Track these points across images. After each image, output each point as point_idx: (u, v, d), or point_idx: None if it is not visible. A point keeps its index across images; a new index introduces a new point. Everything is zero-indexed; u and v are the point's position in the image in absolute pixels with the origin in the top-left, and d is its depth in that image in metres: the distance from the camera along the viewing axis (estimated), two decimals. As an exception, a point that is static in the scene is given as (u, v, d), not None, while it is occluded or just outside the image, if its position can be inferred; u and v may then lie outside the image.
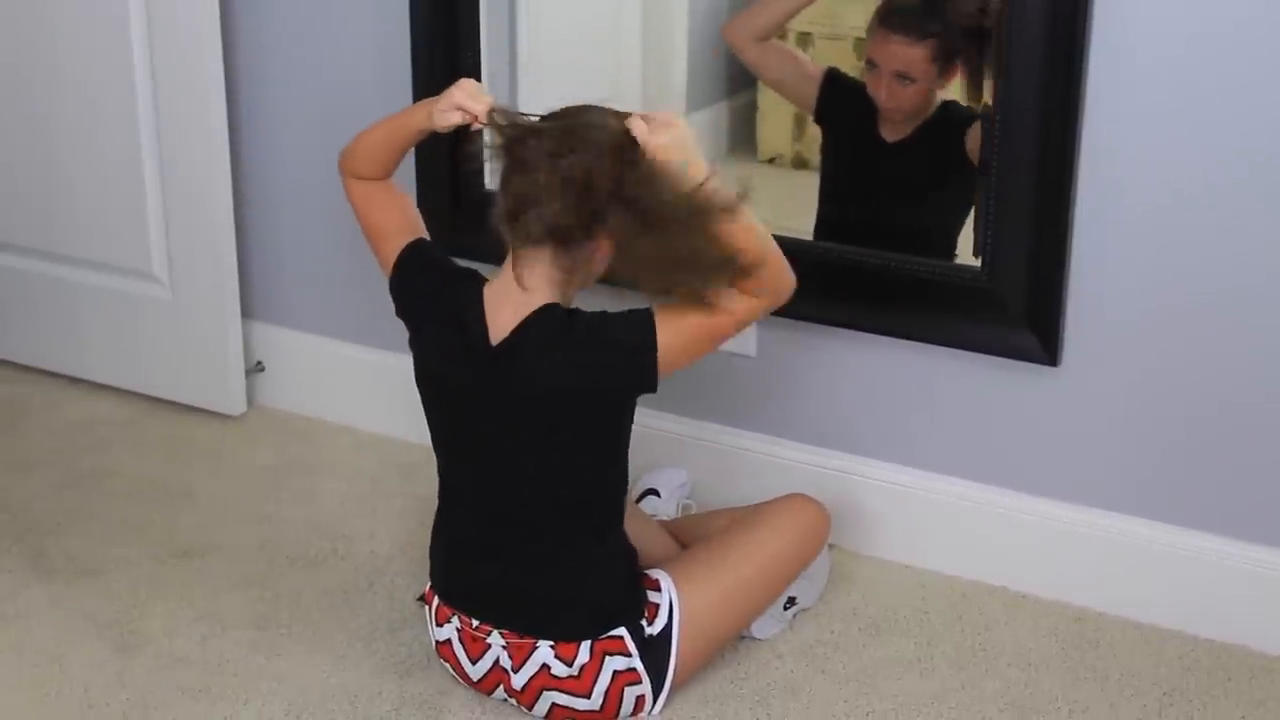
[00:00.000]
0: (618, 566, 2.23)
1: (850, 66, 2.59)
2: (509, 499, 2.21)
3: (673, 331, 2.12)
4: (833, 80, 2.61)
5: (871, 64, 2.53)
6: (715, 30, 2.75)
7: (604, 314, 2.14)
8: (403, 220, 2.34)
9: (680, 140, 2.09)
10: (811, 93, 2.63)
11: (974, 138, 2.44)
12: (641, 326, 2.12)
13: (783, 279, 2.18)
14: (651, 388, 2.15)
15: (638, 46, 2.84)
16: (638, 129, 2.08)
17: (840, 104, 2.61)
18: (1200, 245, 2.31)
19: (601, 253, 2.14)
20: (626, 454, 2.25)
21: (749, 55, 2.66)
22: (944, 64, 2.48)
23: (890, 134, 2.57)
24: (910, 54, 2.49)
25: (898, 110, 2.54)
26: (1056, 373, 2.45)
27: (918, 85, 2.50)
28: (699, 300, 2.11)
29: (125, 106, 3.01)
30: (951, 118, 2.51)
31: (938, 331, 2.50)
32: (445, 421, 2.25)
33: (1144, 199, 2.33)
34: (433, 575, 2.31)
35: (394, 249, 2.29)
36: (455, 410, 2.23)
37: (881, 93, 2.53)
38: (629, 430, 2.23)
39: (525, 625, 2.20)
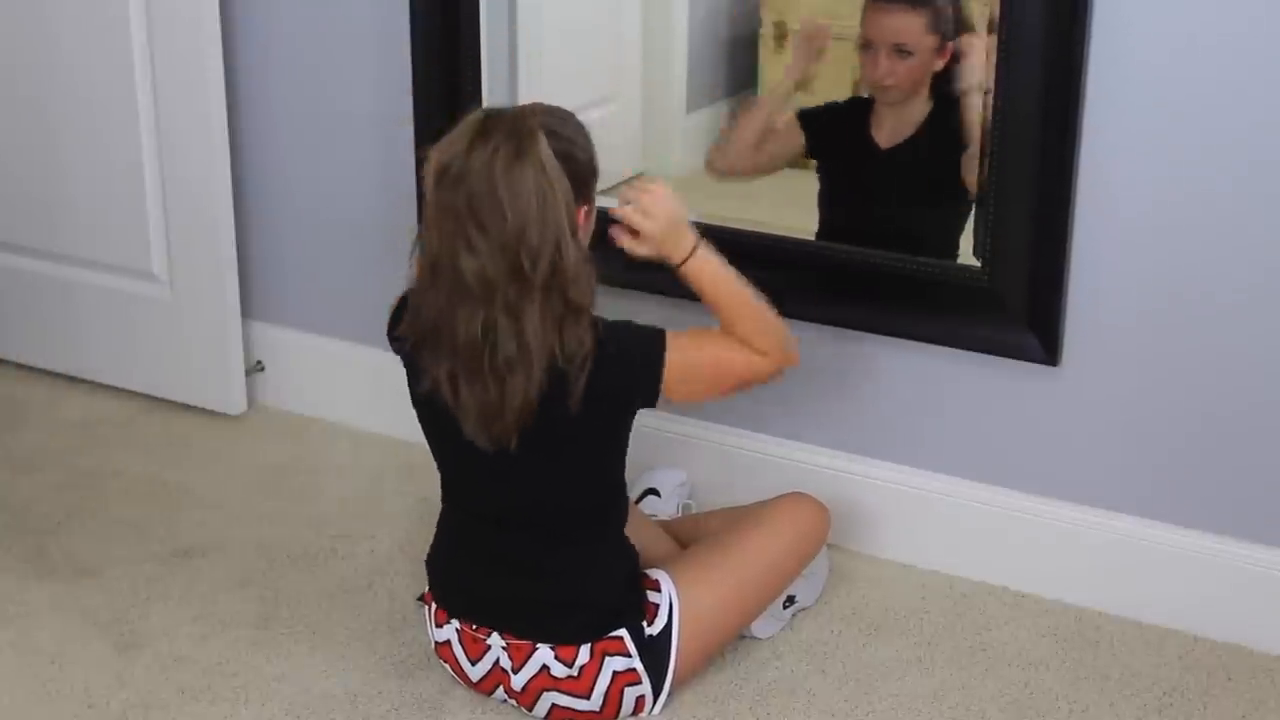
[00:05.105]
0: (618, 570, 2.23)
1: (850, 66, 2.58)
2: (510, 507, 2.21)
3: (681, 355, 2.15)
4: (808, 118, 2.62)
5: (867, 44, 2.52)
6: (715, 30, 2.76)
7: (614, 324, 2.13)
8: None
9: (669, 219, 2.17)
10: (798, 143, 2.64)
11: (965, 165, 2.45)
12: (652, 341, 2.14)
13: (772, 334, 2.23)
14: (651, 402, 2.16)
15: (638, 46, 2.84)
16: (631, 218, 2.15)
17: (827, 131, 2.62)
18: (1200, 245, 2.31)
19: (583, 225, 2.14)
20: (624, 460, 2.25)
21: (747, 172, 2.70)
22: (939, 38, 2.48)
23: (885, 140, 2.57)
24: (907, 22, 2.48)
25: (895, 89, 2.52)
26: (1056, 373, 2.45)
27: (914, 60, 2.49)
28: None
29: (125, 106, 3.01)
30: (942, 118, 2.50)
31: (938, 331, 2.50)
32: (445, 436, 2.22)
33: (1144, 199, 2.33)
34: (431, 583, 2.31)
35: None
36: (454, 427, 2.21)
37: (880, 69, 2.51)
38: (627, 436, 2.23)
39: (526, 630, 2.20)
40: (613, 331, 2.12)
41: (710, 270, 2.20)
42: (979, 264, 2.44)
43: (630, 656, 2.19)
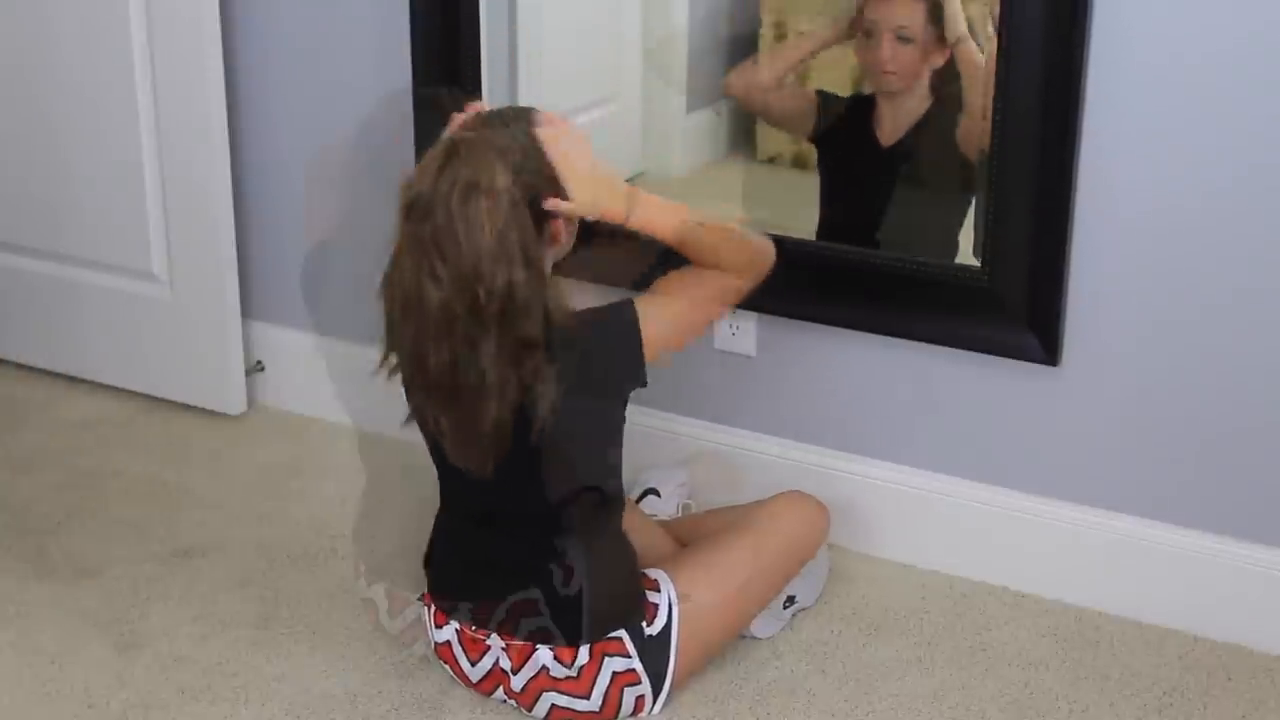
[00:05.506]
0: (617, 570, 2.23)
1: (850, 64, 2.59)
2: (504, 513, 2.21)
3: (656, 320, 2.14)
4: (825, 101, 2.62)
5: (869, 32, 2.52)
6: (715, 30, 2.75)
7: (583, 312, 2.13)
8: None
9: (580, 145, 2.12)
10: (810, 119, 2.64)
11: (964, 132, 2.44)
12: (625, 320, 2.13)
13: (744, 251, 2.20)
14: (642, 382, 2.16)
15: (638, 46, 2.84)
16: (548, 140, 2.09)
17: (836, 121, 2.62)
18: (1200, 245, 2.31)
19: (558, 232, 2.13)
20: (620, 456, 2.25)
21: (758, 102, 2.69)
22: (939, 33, 2.48)
23: (885, 138, 2.57)
24: (910, 8, 2.49)
25: (896, 76, 2.52)
26: (1056, 373, 2.45)
27: (915, 48, 2.50)
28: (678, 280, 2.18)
29: (126, 106, 3.01)
30: (941, 116, 2.51)
31: (938, 331, 2.50)
32: (436, 446, 2.22)
33: (1144, 199, 2.33)
34: (430, 585, 2.31)
35: None
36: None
37: (883, 54, 2.51)
38: (621, 430, 2.23)
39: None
40: (585, 327, 2.11)
41: (658, 220, 2.16)
42: (979, 263, 2.44)
43: (630, 657, 2.19)
